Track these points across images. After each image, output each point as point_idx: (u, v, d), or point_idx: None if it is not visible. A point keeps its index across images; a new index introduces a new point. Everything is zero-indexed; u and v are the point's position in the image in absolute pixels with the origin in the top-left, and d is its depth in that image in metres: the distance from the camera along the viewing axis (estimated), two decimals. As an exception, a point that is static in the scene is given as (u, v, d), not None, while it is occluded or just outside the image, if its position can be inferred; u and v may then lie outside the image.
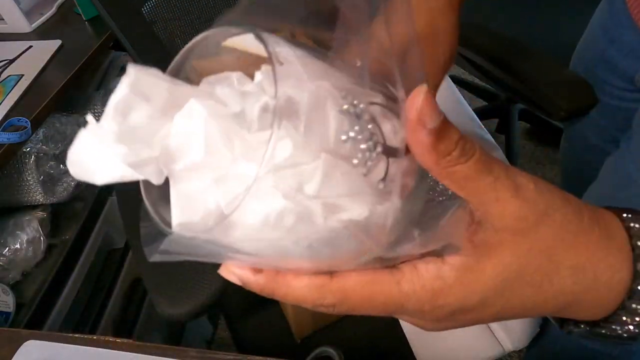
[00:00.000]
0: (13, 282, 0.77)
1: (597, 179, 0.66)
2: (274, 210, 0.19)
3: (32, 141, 0.81)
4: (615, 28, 0.64)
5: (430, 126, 0.20)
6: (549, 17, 1.33)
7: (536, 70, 0.72)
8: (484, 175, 0.21)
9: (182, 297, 0.48)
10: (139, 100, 0.20)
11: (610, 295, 0.24)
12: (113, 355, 0.41)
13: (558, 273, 0.23)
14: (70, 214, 0.88)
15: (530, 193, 0.22)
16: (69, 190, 0.86)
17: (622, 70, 0.63)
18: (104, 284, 0.94)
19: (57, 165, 0.85)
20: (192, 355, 0.41)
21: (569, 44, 0.78)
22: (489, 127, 1.28)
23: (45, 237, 0.80)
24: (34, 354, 0.42)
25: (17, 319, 0.73)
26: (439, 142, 0.20)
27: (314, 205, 0.19)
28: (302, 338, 0.74)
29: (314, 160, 0.19)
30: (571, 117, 0.69)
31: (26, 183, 0.80)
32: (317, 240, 0.20)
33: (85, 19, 1.00)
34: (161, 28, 0.70)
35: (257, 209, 0.19)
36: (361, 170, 0.20)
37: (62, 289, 0.81)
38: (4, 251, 0.76)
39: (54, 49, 0.91)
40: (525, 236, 0.22)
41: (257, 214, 0.19)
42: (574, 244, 0.23)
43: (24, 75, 0.84)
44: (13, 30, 0.96)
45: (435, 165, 0.21)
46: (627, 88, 0.64)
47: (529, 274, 0.23)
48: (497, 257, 0.23)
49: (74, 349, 0.42)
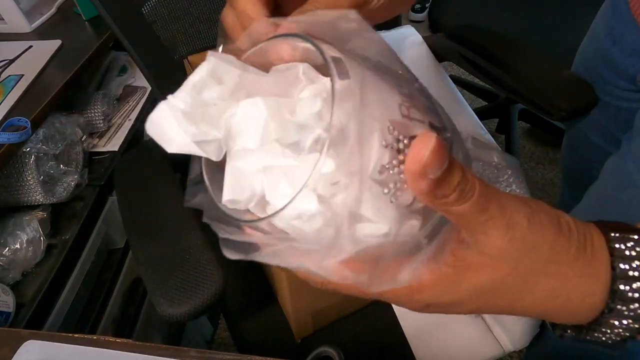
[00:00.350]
0: (13, 282, 0.77)
1: (597, 179, 0.66)
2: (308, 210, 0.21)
3: (32, 141, 0.80)
4: (617, 28, 0.63)
5: (432, 176, 0.21)
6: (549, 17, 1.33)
7: (536, 70, 0.72)
8: (478, 215, 0.23)
9: (182, 297, 0.48)
10: (213, 82, 0.23)
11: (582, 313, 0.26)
12: (113, 355, 0.41)
13: (532, 294, 0.25)
14: (70, 214, 0.88)
15: (520, 232, 0.24)
16: (69, 190, 0.86)
17: (624, 70, 0.63)
18: (104, 284, 0.94)
19: (57, 165, 0.85)
20: (192, 355, 0.41)
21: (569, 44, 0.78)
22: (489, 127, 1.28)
23: (45, 237, 0.80)
24: (34, 354, 0.42)
25: (17, 319, 0.73)
26: (437, 189, 0.22)
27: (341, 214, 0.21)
28: (302, 338, 0.74)
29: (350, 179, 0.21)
30: (571, 117, 0.69)
31: (26, 183, 0.80)
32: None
33: (85, 19, 1.00)
34: (161, 28, 0.70)
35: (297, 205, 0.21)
36: (390, 197, 0.22)
37: (62, 289, 0.81)
38: (4, 251, 0.76)
39: (54, 49, 0.91)
40: (506, 263, 0.24)
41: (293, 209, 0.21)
42: (554, 273, 0.25)
43: (24, 75, 0.84)
44: (13, 30, 0.96)
45: (431, 204, 0.23)
46: (628, 88, 0.64)
47: (503, 291, 0.25)
48: (475, 275, 0.25)
49: (74, 349, 0.42)
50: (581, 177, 0.83)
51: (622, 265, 0.25)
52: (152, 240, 0.56)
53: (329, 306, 0.70)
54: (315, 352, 0.62)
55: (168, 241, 0.54)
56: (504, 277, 0.25)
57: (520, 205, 0.24)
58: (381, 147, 0.21)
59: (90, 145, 0.97)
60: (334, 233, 0.22)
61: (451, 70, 1.90)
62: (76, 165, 0.90)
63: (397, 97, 0.23)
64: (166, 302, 0.48)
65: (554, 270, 0.25)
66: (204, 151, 0.23)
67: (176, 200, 0.60)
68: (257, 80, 0.24)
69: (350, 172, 0.21)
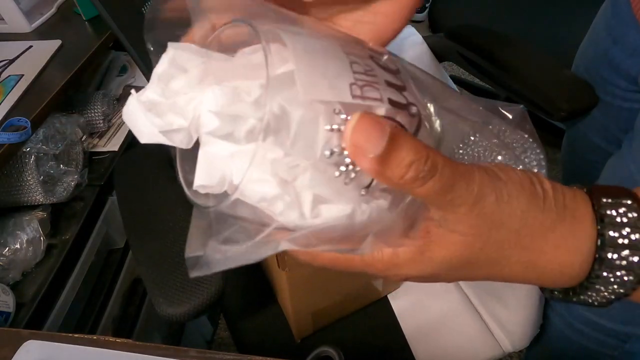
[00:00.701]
0: (13, 282, 0.77)
1: (598, 180, 0.66)
2: (269, 193, 0.22)
3: (32, 141, 0.81)
4: (618, 28, 0.63)
5: (372, 155, 0.21)
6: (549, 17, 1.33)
7: (536, 71, 0.72)
8: (443, 195, 0.23)
9: (182, 297, 0.48)
10: (178, 72, 0.23)
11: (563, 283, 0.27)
12: (113, 355, 0.41)
13: (509, 265, 0.26)
14: (70, 214, 0.88)
15: (489, 207, 0.24)
16: (69, 190, 0.86)
17: (626, 70, 0.63)
18: (104, 284, 0.94)
19: (57, 165, 0.85)
20: (192, 355, 0.41)
21: (569, 44, 0.78)
22: (489, 127, 1.28)
23: (45, 237, 0.80)
24: (34, 354, 0.42)
25: (17, 319, 0.73)
26: (385, 168, 0.21)
27: (303, 197, 0.22)
28: (302, 338, 0.74)
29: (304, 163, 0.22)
30: (571, 117, 0.69)
31: (26, 183, 0.80)
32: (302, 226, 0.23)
33: (85, 19, 1.00)
34: (161, 28, 0.70)
35: (256, 189, 0.22)
36: (344, 180, 0.22)
37: (62, 289, 0.81)
38: (4, 251, 0.76)
39: (54, 49, 0.91)
40: (477, 238, 0.24)
41: (256, 194, 0.22)
42: (528, 246, 0.25)
43: (24, 75, 0.84)
44: (13, 30, 0.96)
45: (389, 185, 0.22)
46: (630, 88, 0.64)
47: (479, 263, 0.25)
48: (447, 251, 0.25)
49: (74, 349, 0.42)
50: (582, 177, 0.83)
51: (611, 233, 0.25)
52: (152, 240, 0.56)
53: (328, 306, 0.70)
54: (316, 352, 0.62)
55: (168, 241, 0.54)
56: (476, 251, 0.25)
57: (488, 179, 0.24)
58: (326, 130, 0.21)
59: (90, 145, 0.97)
60: (298, 214, 0.22)
61: (451, 70, 1.90)
62: (76, 165, 0.90)
63: (348, 76, 0.22)
64: (166, 302, 0.48)
65: (527, 243, 0.25)
66: (171, 140, 0.24)
67: (176, 200, 0.60)
68: (223, 65, 0.24)
69: (302, 156, 0.21)
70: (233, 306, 0.77)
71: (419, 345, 0.70)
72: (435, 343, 0.70)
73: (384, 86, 0.23)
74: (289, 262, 0.58)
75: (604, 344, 0.69)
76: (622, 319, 0.66)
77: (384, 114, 0.23)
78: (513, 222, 0.24)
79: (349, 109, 0.22)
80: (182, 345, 1.00)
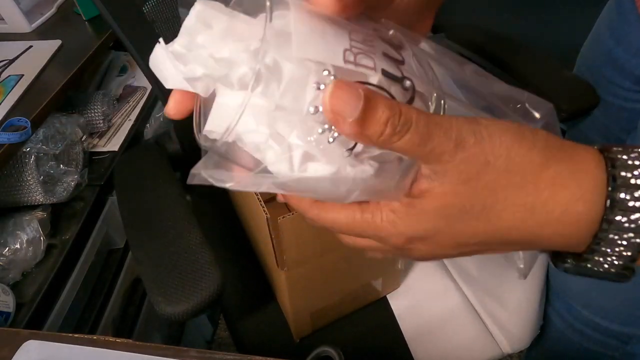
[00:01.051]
0: (13, 282, 0.77)
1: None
2: (262, 143, 0.24)
3: (32, 141, 0.81)
4: (622, 28, 0.63)
5: (351, 119, 0.22)
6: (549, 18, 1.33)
7: (536, 71, 0.72)
8: (423, 145, 0.23)
9: (181, 296, 0.48)
10: (203, 27, 0.25)
11: (572, 229, 0.25)
12: (113, 355, 0.41)
13: (506, 210, 0.25)
14: (70, 214, 0.88)
15: (470, 149, 0.24)
16: (69, 190, 0.86)
17: (629, 70, 0.63)
18: (104, 284, 0.94)
19: (57, 165, 0.85)
20: (192, 355, 0.41)
21: (569, 44, 0.78)
22: (489, 128, 1.28)
23: (45, 237, 0.80)
24: (34, 354, 0.42)
25: (17, 319, 0.73)
26: (365, 129, 0.22)
27: (294, 152, 0.24)
28: (301, 338, 0.74)
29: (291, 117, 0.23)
30: (571, 117, 0.68)
31: (26, 183, 0.80)
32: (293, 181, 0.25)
33: (85, 19, 1.00)
34: (162, 28, 0.70)
35: (252, 138, 0.24)
36: (327, 138, 0.24)
37: (62, 289, 0.81)
38: (4, 251, 0.76)
39: (54, 49, 0.91)
40: (466, 184, 0.24)
41: (251, 142, 0.25)
42: (520, 185, 0.24)
43: (24, 75, 0.84)
44: (13, 30, 0.96)
45: (369, 144, 0.24)
46: (633, 88, 0.64)
47: (475, 210, 0.25)
48: (439, 200, 0.25)
49: (74, 349, 0.42)
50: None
51: (623, 173, 0.24)
52: (151, 240, 0.56)
53: (327, 306, 0.70)
54: (316, 351, 0.62)
55: (167, 240, 0.54)
56: (468, 198, 0.24)
57: (466, 123, 0.24)
58: (314, 88, 0.23)
59: (90, 145, 0.97)
60: (287, 167, 0.24)
61: (451, 71, 1.90)
62: (76, 165, 0.90)
63: (344, 42, 0.24)
64: (165, 301, 0.48)
65: (519, 182, 0.24)
66: (193, 87, 0.25)
67: (176, 199, 0.60)
68: (245, 26, 0.25)
69: (290, 110, 0.23)
70: (233, 306, 0.77)
71: (418, 345, 0.70)
72: (434, 343, 0.70)
73: (380, 57, 0.24)
74: (288, 262, 0.58)
75: (605, 344, 0.69)
76: (623, 319, 0.66)
77: (376, 82, 0.24)
78: (499, 161, 0.24)
79: (340, 73, 0.23)
80: (182, 345, 1.00)
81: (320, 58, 0.23)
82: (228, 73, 0.24)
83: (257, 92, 0.23)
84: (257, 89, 0.23)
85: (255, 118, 0.24)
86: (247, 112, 0.23)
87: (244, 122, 0.24)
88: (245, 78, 0.24)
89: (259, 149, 0.25)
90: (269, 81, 0.23)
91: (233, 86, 0.25)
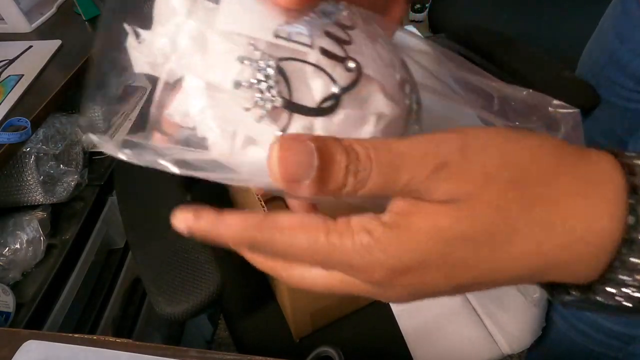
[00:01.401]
0: (13, 282, 0.77)
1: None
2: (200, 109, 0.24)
3: (32, 141, 0.81)
4: (626, 28, 0.63)
5: (307, 180, 0.18)
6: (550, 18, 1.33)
7: (536, 71, 0.72)
8: (395, 184, 0.19)
9: (180, 296, 0.48)
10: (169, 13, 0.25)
11: (592, 249, 0.20)
12: (113, 355, 0.41)
13: (517, 232, 0.19)
14: (70, 214, 0.88)
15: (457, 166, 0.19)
16: (69, 190, 0.86)
17: (633, 70, 0.63)
18: (104, 284, 0.94)
19: (57, 165, 0.85)
20: (192, 355, 0.41)
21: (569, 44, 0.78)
22: (489, 128, 1.28)
23: (45, 237, 0.80)
24: (34, 354, 0.42)
25: (17, 319, 0.73)
26: (325, 187, 0.19)
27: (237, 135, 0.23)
28: (301, 338, 0.74)
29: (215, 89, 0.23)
30: (571, 117, 0.68)
31: (26, 183, 0.80)
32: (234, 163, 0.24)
33: (85, 19, 1.00)
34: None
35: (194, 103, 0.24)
36: (253, 117, 0.22)
37: (62, 289, 0.81)
38: (4, 251, 0.76)
39: (54, 49, 0.91)
40: (465, 202, 0.19)
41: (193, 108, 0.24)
42: (531, 197, 0.19)
43: (24, 75, 0.84)
44: (13, 30, 0.96)
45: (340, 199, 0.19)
46: (636, 89, 0.64)
47: (478, 234, 0.19)
48: (433, 219, 0.19)
49: (74, 349, 0.42)
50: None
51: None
52: (151, 239, 0.56)
53: (327, 306, 0.70)
54: (316, 351, 0.62)
55: (167, 240, 0.54)
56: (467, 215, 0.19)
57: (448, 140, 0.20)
58: (237, 61, 0.22)
59: (90, 145, 0.97)
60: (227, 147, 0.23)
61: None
62: (76, 165, 0.90)
63: (279, 18, 0.23)
64: (164, 301, 0.48)
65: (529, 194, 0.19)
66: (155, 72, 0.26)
67: (176, 199, 0.60)
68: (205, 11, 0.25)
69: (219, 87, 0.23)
70: (233, 306, 0.77)
71: (417, 346, 0.70)
72: (433, 344, 0.70)
73: (321, 35, 0.23)
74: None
75: (608, 345, 0.69)
76: (626, 320, 0.66)
77: (314, 62, 0.22)
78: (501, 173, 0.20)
79: (272, 49, 0.22)
80: (182, 345, 1.00)
81: (246, 32, 0.22)
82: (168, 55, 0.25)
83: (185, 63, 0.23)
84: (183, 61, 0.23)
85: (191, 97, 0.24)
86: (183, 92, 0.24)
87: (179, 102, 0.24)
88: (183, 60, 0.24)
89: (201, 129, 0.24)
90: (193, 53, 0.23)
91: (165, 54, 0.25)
